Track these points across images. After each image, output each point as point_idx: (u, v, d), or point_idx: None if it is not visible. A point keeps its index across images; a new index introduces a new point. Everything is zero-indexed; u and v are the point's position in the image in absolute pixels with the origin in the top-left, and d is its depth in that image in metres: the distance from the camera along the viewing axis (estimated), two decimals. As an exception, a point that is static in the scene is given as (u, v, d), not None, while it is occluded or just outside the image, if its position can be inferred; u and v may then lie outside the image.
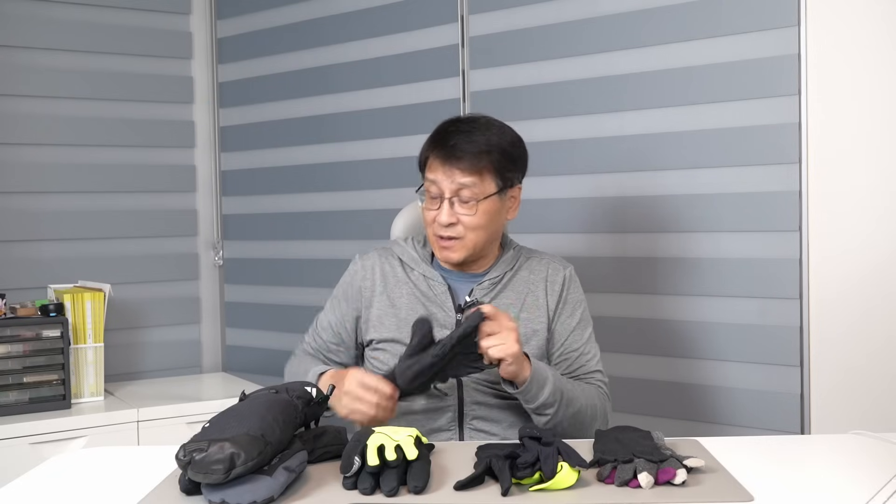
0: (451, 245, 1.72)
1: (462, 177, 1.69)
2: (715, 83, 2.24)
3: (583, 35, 2.42)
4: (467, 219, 1.70)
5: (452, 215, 1.70)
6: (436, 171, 1.70)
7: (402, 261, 1.82)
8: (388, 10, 2.78)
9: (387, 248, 1.87)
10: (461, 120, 1.76)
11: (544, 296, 1.78)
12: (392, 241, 1.89)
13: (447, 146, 1.70)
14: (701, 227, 2.28)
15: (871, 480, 1.29)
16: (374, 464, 1.25)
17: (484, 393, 1.71)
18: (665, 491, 1.25)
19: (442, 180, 1.70)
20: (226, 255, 3.19)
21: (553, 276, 1.80)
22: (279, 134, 3.04)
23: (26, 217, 2.86)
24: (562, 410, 1.64)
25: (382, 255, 1.84)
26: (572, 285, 1.82)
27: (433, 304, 1.76)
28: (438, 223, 1.71)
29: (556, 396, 1.63)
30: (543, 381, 1.62)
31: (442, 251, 1.74)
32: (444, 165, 1.69)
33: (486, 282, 1.77)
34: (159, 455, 1.48)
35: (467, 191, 1.69)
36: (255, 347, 3.13)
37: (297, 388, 1.43)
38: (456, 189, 1.69)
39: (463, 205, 1.70)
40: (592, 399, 1.72)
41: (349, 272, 1.86)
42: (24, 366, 2.46)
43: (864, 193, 2.06)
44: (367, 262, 1.84)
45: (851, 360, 2.07)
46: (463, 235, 1.71)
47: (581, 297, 1.83)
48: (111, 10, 2.99)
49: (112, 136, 2.99)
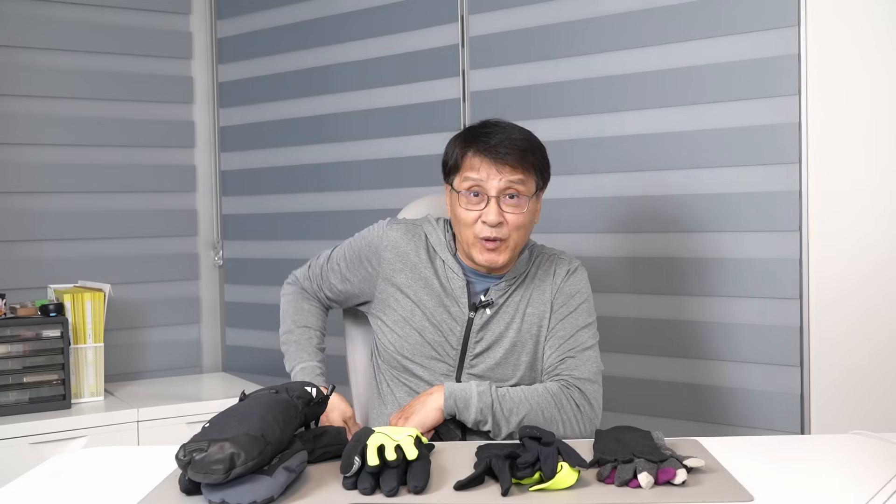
0: (496, 247, 1.69)
1: (512, 174, 1.67)
2: (715, 83, 2.24)
3: (583, 35, 2.42)
4: (514, 217, 1.68)
5: (500, 214, 1.67)
6: (480, 169, 1.67)
7: (430, 242, 1.79)
8: (388, 10, 2.78)
9: (417, 224, 1.83)
10: (490, 123, 1.73)
11: (550, 290, 1.77)
12: (423, 219, 1.85)
13: (491, 144, 1.67)
14: (701, 226, 2.28)
15: (871, 480, 1.29)
16: (374, 464, 1.25)
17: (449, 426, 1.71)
18: (665, 491, 1.25)
19: (489, 179, 1.67)
20: (226, 255, 3.19)
21: (559, 270, 1.80)
22: (279, 134, 3.04)
23: (26, 217, 2.86)
24: (503, 423, 1.64)
25: (409, 232, 1.80)
26: (575, 283, 1.79)
27: (448, 297, 1.75)
28: (485, 223, 1.67)
29: (485, 412, 1.64)
30: (465, 404, 1.64)
31: (486, 253, 1.70)
32: (493, 164, 1.67)
33: (503, 283, 1.76)
34: (159, 455, 1.48)
35: (516, 189, 1.68)
36: (255, 347, 3.13)
37: (297, 388, 1.43)
38: (504, 187, 1.67)
39: (509, 204, 1.68)
40: (547, 400, 1.67)
41: (374, 234, 1.82)
42: (24, 366, 2.46)
43: (864, 193, 2.06)
44: (393, 232, 1.80)
45: (851, 360, 2.07)
46: (507, 236, 1.69)
47: (585, 297, 1.79)
48: (111, 10, 2.99)
49: (112, 136, 2.99)
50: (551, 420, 1.66)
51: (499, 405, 1.64)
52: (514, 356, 1.74)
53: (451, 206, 1.75)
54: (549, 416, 1.66)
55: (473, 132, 1.72)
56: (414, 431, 1.35)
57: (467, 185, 1.69)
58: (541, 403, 1.66)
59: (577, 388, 1.69)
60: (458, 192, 1.71)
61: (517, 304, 1.75)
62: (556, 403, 1.67)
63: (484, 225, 1.67)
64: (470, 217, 1.69)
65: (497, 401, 1.64)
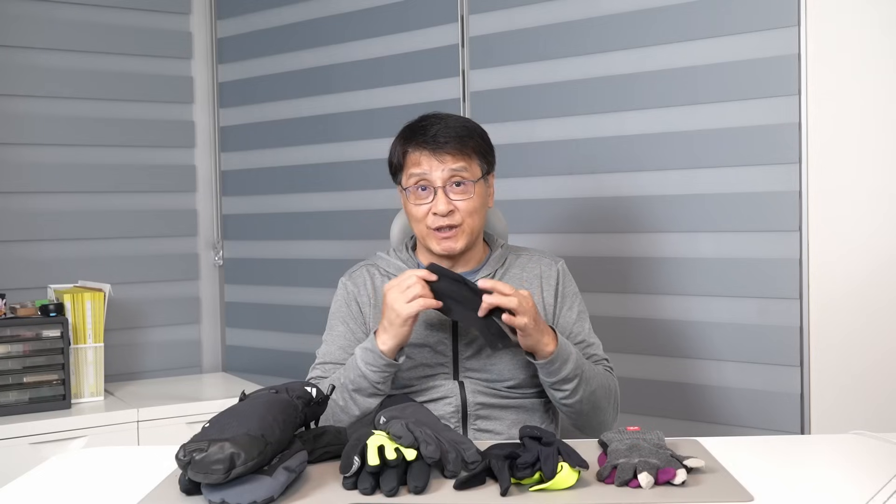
0: (451, 234, 1.72)
1: (453, 162, 1.69)
2: (715, 83, 2.24)
3: (583, 35, 2.42)
4: (464, 203, 1.71)
5: (449, 203, 1.70)
6: (422, 163, 1.70)
7: (389, 273, 1.80)
8: (388, 10, 2.78)
9: (371, 263, 1.85)
10: (427, 116, 1.76)
11: (540, 293, 1.78)
12: (375, 257, 1.87)
13: (429, 136, 1.70)
14: (701, 226, 2.28)
15: (871, 480, 1.29)
16: (375, 464, 1.25)
17: (485, 394, 1.71)
18: (665, 491, 1.25)
19: (432, 170, 1.70)
20: (226, 255, 3.19)
21: (547, 272, 1.80)
22: (279, 134, 3.04)
23: (26, 217, 2.86)
24: (582, 387, 1.67)
25: (369, 271, 1.83)
26: (566, 279, 1.83)
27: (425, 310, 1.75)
28: (436, 214, 1.70)
29: (577, 372, 1.65)
30: (567, 356, 1.64)
31: (443, 242, 1.72)
32: (433, 155, 1.70)
33: (477, 281, 1.76)
34: (159, 455, 1.48)
35: (460, 175, 1.70)
36: (255, 347, 3.13)
37: (297, 388, 1.43)
38: (448, 176, 1.70)
39: (457, 191, 1.70)
40: (607, 381, 1.75)
41: (342, 293, 1.82)
42: (24, 366, 2.46)
43: (864, 193, 2.06)
44: (356, 278, 1.82)
45: (852, 360, 2.07)
46: (461, 222, 1.71)
47: (575, 289, 1.84)
48: (111, 10, 2.99)
49: (112, 136, 2.99)
50: (607, 399, 1.74)
51: (585, 367, 1.69)
52: (510, 351, 1.73)
53: (405, 205, 1.77)
54: (606, 395, 1.74)
55: (412, 128, 1.75)
56: None
57: (413, 180, 1.72)
58: (605, 381, 1.74)
59: (615, 378, 1.81)
60: (406, 189, 1.74)
61: None
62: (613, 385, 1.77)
63: (435, 216, 1.70)
64: (421, 211, 1.72)
65: (584, 363, 1.69)
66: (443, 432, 1.35)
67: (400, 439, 1.29)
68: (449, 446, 1.31)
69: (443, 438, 1.32)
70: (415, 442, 1.28)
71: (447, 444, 1.31)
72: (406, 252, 1.83)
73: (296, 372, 2.70)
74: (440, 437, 1.32)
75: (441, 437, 1.32)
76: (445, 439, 1.32)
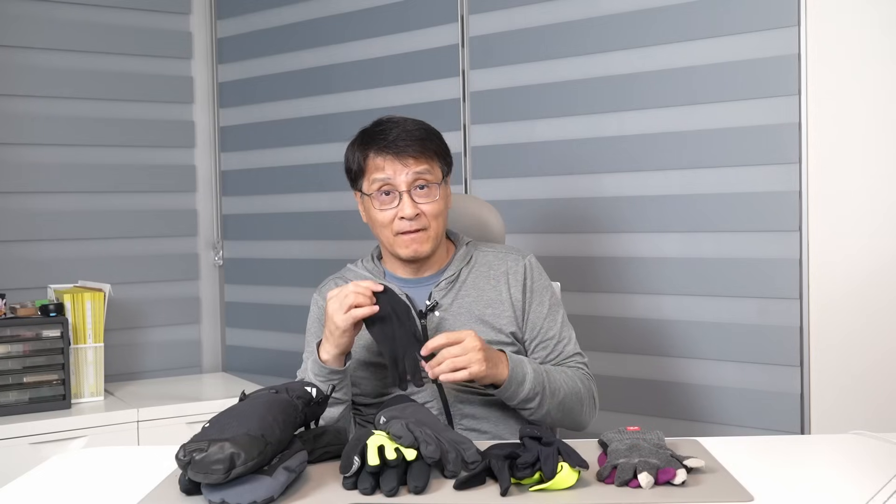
0: (418, 237, 1.71)
1: (416, 165, 1.69)
2: (715, 83, 2.24)
3: (583, 35, 2.42)
4: (429, 206, 1.70)
5: (415, 206, 1.69)
6: (385, 167, 1.69)
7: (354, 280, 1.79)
8: (388, 10, 2.78)
9: (339, 276, 1.86)
10: (383, 120, 1.75)
11: (507, 290, 1.76)
12: (344, 269, 1.87)
13: (390, 140, 1.69)
14: (701, 226, 2.28)
15: (871, 480, 1.29)
16: (375, 464, 1.25)
17: (464, 392, 1.71)
18: (665, 491, 1.25)
19: (396, 175, 1.69)
20: (226, 255, 3.19)
21: (514, 268, 1.78)
22: (279, 134, 3.04)
23: (26, 217, 2.86)
24: (546, 402, 1.65)
25: (337, 283, 1.82)
26: (534, 273, 1.79)
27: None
28: (402, 218, 1.69)
29: (536, 390, 1.63)
30: (522, 378, 1.62)
31: (410, 245, 1.71)
32: (396, 159, 1.69)
33: (443, 282, 1.75)
34: (159, 455, 1.48)
35: (424, 178, 1.70)
36: (255, 347, 3.13)
37: (297, 388, 1.43)
38: (412, 180, 1.69)
39: (421, 195, 1.70)
40: (576, 384, 1.71)
41: (314, 309, 1.83)
42: (24, 366, 2.46)
43: (864, 193, 2.06)
44: (326, 293, 1.80)
45: (851, 360, 2.07)
46: (427, 225, 1.71)
47: (546, 282, 1.81)
48: (111, 10, 2.99)
49: (112, 136, 2.99)
50: (579, 403, 1.70)
51: (547, 381, 1.65)
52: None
53: (366, 211, 1.76)
54: (577, 399, 1.70)
55: (369, 133, 1.74)
56: None
57: (377, 185, 1.71)
58: (574, 385, 1.70)
59: (588, 373, 1.76)
60: (368, 195, 1.73)
61: (473, 301, 1.74)
62: (584, 385, 1.73)
63: (402, 220, 1.69)
64: (387, 217, 1.71)
65: (545, 377, 1.65)
66: (443, 432, 1.35)
67: (400, 439, 1.29)
68: (449, 446, 1.31)
69: (443, 438, 1.32)
70: (415, 442, 1.29)
71: (447, 444, 1.31)
72: (372, 262, 1.83)
73: (296, 372, 2.69)
74: (440, 436, 1.32)
75: (441, 436, 1.32)
76: (445, 439, 1.32)
